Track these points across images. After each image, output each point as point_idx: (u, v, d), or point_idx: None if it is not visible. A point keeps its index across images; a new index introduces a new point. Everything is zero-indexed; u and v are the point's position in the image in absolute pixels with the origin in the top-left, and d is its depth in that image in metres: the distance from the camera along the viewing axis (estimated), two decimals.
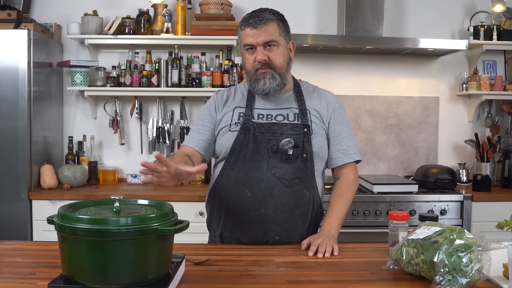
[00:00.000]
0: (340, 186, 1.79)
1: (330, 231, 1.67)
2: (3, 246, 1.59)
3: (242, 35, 1.73)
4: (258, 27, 1.68)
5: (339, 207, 1.74)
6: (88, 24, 3.26)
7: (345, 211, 1.75)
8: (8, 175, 2.91)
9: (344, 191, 1.77)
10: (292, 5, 3.49)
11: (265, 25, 1.68)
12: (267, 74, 1.71)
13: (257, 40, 1.69)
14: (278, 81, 1.73)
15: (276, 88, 1.74)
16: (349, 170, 1.81)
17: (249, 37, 1.70)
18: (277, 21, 1.72)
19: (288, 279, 1.30)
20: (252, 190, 1.68)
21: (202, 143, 1.77)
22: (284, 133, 1.72)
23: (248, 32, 1.70)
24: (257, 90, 1.75)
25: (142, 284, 1.11)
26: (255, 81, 1.74)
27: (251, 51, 1.73)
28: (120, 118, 3.42)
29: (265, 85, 1.72)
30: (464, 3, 3.60)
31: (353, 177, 1.81)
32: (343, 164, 1.80)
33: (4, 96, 2.90)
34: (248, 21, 1.70)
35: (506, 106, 3.51)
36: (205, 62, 3.37)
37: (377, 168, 3.58)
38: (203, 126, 1.80)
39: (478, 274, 1.16)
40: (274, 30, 1.70)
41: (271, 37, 1.69)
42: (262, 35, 1.68)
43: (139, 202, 1.29)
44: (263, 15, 1.70)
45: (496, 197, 3.05)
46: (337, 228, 1.70)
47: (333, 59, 3.55)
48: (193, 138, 1.78)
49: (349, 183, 1.79)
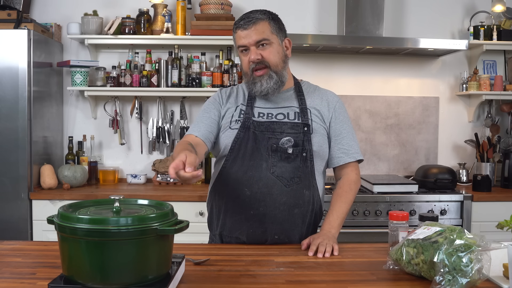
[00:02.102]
0: (341, 186, 1.79)
1: (331, 231, 1.67)
2: (3, 246, 1.59)
3: (235, 38, 1.76)
4: (249, 28, 1.70)
5: (340, 207, 1.74)
6: (88, 24, 3.26)
7: (346, 211, 1.74)
8: (8, 175, 2.91)
9: (345, 191, 1.77)
10: (292, 5, 3.49)
11: (255, 25, 1.70)
12: (264, 76, 1.72)
13: (248, 40, 1.70)
14: (275, 80, 1.73)
15: (274, 88, 1.74)
16: (351, 170, 1.80)
17: (241, 39, 1.72)
18: (267, 20, 1.73)
19: (288, 279, 1.30)
20: (251, 189, 1.68)
21: (208, 134, 1.73)
22: (284, 131, 1.71)
23: (240, 33, 1.72)
24: (255, 92, 1.75)
25: (142, 284, 1.11)
26: (252, 84, 1.74)
27: (245, 52, 1.74)
28: (120, 118, 3.42)
29: (262, 87, 1.72)
30: (464, 3, 3.60)
31: (355, 177, 1.80)
32: (344, 164, 1.80)
33: (4, 96, 2.90)
34: (238, 23, 1.73)
35: (506, 106, 3.51)
36: (205, 62, 3.37)
37: (377, 168, 3.58)
38: (209, 117, 1.77)
39: (478, 274, 1.16)
40: (265, 29, 1.71)
41: (262, 36, 1.70)
42: (253, 34, 1.70)
43: (139, 202, 1.29)
44: (253, 15, 1.72)
45: (496, 197, 3.05)
46: (337, 228, 1.70)
47: (333, 59, 3.55)
48: (199, 127, 1.74)
49: (351, 183, 1.78)
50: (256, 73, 1.72)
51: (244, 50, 1.74)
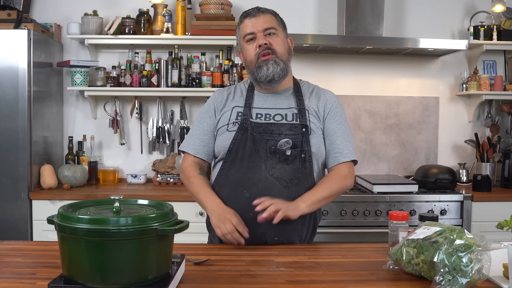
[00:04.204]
0: (329, 176, 1.74)
1: (297, 202, 1.62)
2: (3, 246, 1.59)
3: (241, 28, 1.77)
4: (257, 16, 1.74)
5: (320, 189, 1.68)
6: (88, 24, 3.26)
7: (325, 196, 1.67)
8: (8, 175, 2.91)
9: (331, 179, 1.72)
10: (292, 5, 3.49)
11: (264, 15, 1.75)
12: (270, 60, 1.72)
13: (257, 27, 1.72)
14: (281, 66, 1.73)
15: (280, 74, 1.73)
16: (343, 166, 1.75)
17: (248, 27, 1.74)
18: (274, 14, 1.79)
19: (288, 279, 1.30)
20: (250, 191, 1.68)
21: (207, 149, 1.79)
22: (282, 133, 1.71)
23: (247, 22, 1.74)
24: (260, 77, 1.73)
25: (142, 284, 1.11)
26: (258, 68, 1.73)
27: (251, 42, 1.74)
28: (120, 118, 3.42)
29: (268, 71, 1.72)
30: (464, 3, 3.60)
31: (346, 172, 1.74)
32: (338, 164, 1.76)
33: (4, 96, 2.90)
34: (246, 13, 1.77)
35: (506, 106, 3.51)
36: (205, 62, 3.37)
37: (377, 168, 3.58)
38: (203, 130, 1.80)
39: (478, 274, 1.16)
40: (272, 20, 1.76)
41: (271, 24, 1.74)
42: (261, 21, 1.73)
43: (139, 202, 1.29)
44: (260, 8, 1.78)
45: (496, 197, 3.05)
46: (308, 203, 1.63)
47: (333, 59, 3.55)
48: (194, 144, 1.80)
49: (339, 176, 1.73)
50: (263, 58, 1.72)
51: (250, 39, 1.74)
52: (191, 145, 1.80)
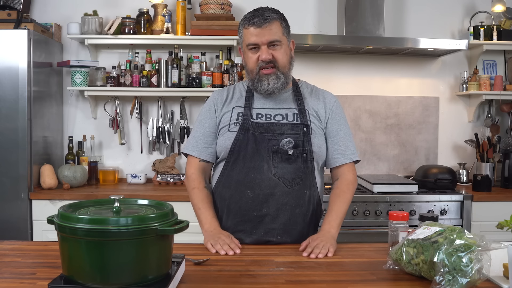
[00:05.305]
0: (339, 186, 1.79)
1: (330, 231, 1.66)
2: (3, 246, 1.59)
3: (245, 33, 1.72)
4: (263, 26, 1.67)
5: (338, 206, 1.74)
6: (88, 24, 3.26)
7: (345, 211, 1.74)
8: (8, 175, 2.91)
9: (343, 190, 1.77)
10: (292, 5, 3.49)
11: (270, 25, 1.68)
12: (272, 74, 1.71)
13: (261, 39, 1.68)
14: (282, 81, 1.73)
15: (280, 88, 1.74)
16: (348, 170, 1.80)
17: (253, 36, 1.69)
18: (280, 21, 1.72)
19: (288, 279, 1.30)
20: (253, 191, 1.69)
21: (207, 150, 1.79)
22: (284, 133, 1.71)
23: (252, 31, 1.69)
24: (260, 90, 1.74)
25: (142, 284, 1.11)
26: (259, 81, 1.73)
27: (254, 50, 1.72)
28: (120, 118, 3.42)
29: (269, 85, 1.72)
30: (464, 3, 3.60)
31: (352, 177, 1.80)
32: (341, 165, 1.79)
33: (4, 96, 2.90)
34: (252, 20, 1.69)
35: (506, 106, 3.51)
36: (205, 62, 3.37)
37: (377, 168, 3.58)
38: (205, 131, 1.80)
39: (478, 274, 1.16)
40: (277, 30, 1.70)
41: (275, 37, 1.69)
42: (266, 34, 1.68)
43: (139, 202, 1.29)
44: (267, 14, 1.69)
45: (496, 197, 3.05)
46: (337, 227, 1.70)
47: (333, 59, 3.55)
48: (197, 147, 1.79)
49: (348, 183, 1.78)
50: (264, 71, 1.71)
51: (253, 48, 1.72)
52: (194, 147, 1.80)
